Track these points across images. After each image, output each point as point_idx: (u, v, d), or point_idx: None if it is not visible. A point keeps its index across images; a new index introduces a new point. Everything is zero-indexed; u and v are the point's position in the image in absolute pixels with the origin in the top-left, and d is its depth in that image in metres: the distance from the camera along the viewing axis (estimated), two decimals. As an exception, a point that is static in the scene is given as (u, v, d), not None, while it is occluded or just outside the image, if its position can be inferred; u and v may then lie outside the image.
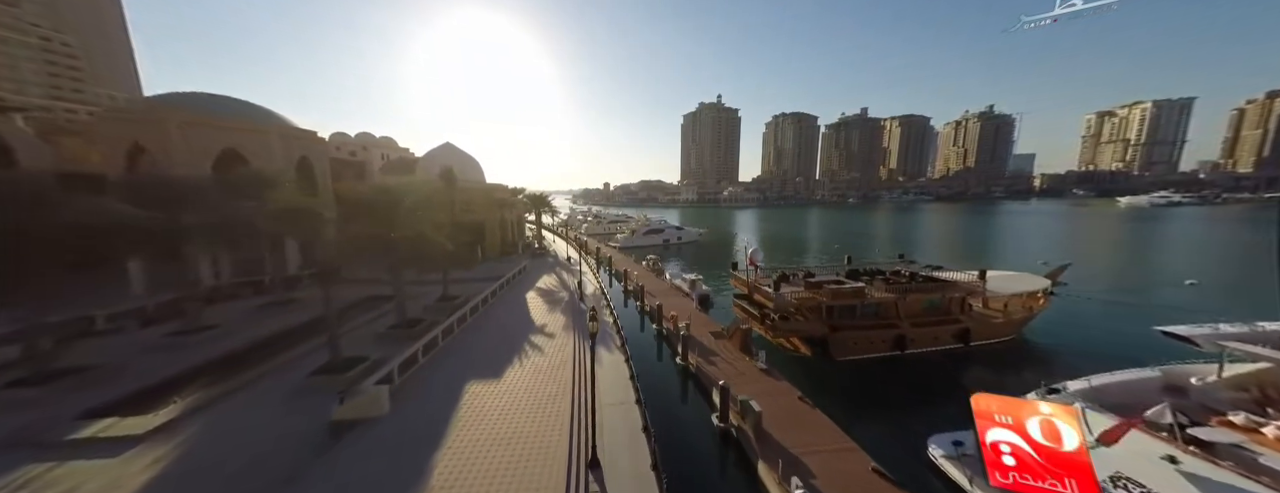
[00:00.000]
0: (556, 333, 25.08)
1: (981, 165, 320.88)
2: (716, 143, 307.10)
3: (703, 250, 76.89)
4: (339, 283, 22.99)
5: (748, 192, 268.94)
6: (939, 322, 25.69)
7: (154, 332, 22.97)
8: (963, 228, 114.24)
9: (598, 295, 35.33)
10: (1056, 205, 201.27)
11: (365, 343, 22.58)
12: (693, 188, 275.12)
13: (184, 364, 19.21)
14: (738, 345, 24.77)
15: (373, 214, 22.62)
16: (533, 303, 32.35)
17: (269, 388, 17.32)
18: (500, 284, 34.85)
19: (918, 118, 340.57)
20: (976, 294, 26.34)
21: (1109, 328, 29.99)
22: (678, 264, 60.40)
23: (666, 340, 28.45)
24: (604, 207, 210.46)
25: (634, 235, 78.11)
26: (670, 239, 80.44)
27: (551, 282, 40.36)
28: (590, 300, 32.80)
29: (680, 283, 41.42)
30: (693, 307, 34.34)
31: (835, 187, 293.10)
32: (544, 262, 51.12)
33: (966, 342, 25.80)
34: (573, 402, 16.78)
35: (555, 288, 37.57)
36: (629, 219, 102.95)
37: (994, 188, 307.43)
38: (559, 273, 44.38)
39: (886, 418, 18.56)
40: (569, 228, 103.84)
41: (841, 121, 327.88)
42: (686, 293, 38.85)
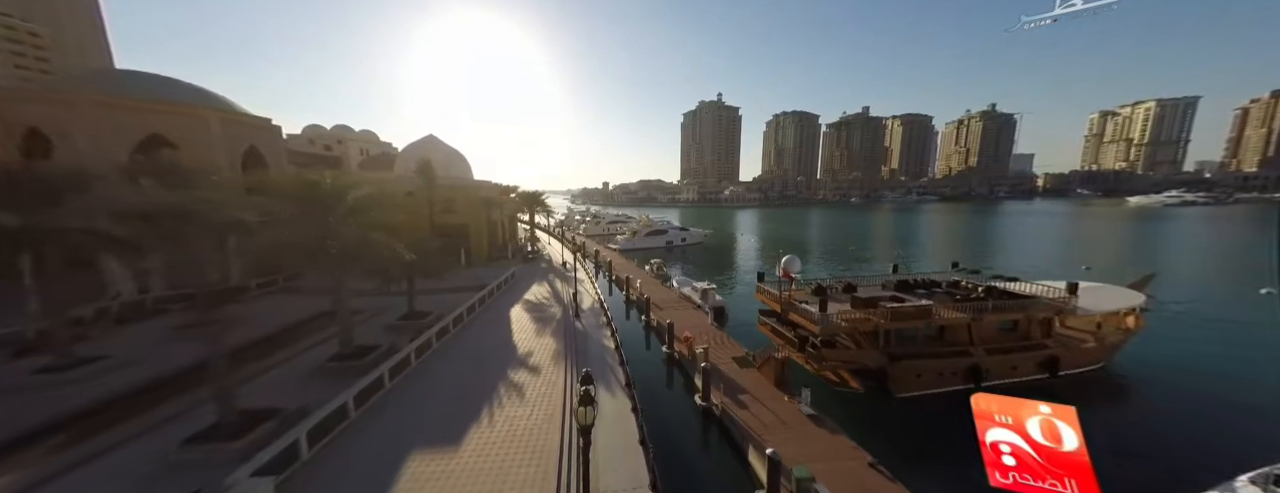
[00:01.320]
0: (543, 367, 19.91)
1: (984, 165, 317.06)
2: (717, 142, 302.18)
3: (708, 253, 71.87)
4: (296, 294, 18.04)
5: (749, 191, 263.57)
6: (1020, 347, 20.71)
7: (23, 365, 17.75)
8: (974, 229, 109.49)
9: (596, 310, 30.18)
10: (1062, 205, 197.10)
11: (293, 381, 17.49)
12: (693, 187, 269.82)
13: (35, 417, 14.04)
14: (771, 379, 19.77)
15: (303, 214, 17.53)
16: (518, 322, 27.14)
17: (126, 461, 12.17)
18: (482, 297, 29.73)
19: (920, 117, 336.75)
20: (1062, 313, 21.34)
21: (1214, 351, 25.09)
22: (682, 268, 55.40)
23: (679, 367, 23.43)
24: (603, 206, 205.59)
25: (635, 237, 72.96)
26: (674, 241, 75.29)
27: (543, 292, 35.20)
28: (587, 322, 27.67)
29: (690, 293, 36.36)
30: (707, 323, 29.32)
31: (837, 186, 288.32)
32: (536, 268, 45.99)
33: (1053, 372, 20.83)
34: (560, 484, 11.69)
35: (546, 301, 32.39)
36: (630, 220, 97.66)
37: (997, 188, 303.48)
38: (552, 281, 39.26)
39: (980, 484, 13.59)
40: (567, 229, 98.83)
41: (843, 120, 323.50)
42: (697, 304, 33.82)
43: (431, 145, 49.92)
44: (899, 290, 24.16)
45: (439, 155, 48.59)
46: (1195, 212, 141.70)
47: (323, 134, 56.60)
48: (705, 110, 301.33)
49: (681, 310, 32.57)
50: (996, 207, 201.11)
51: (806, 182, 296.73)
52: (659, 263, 49.40)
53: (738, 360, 22.44)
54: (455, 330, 23.94)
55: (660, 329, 28.54)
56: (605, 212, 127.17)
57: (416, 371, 18.97)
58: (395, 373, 17.61)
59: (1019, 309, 20.71)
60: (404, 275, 23.72)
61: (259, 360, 19.39)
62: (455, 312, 24.64)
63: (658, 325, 29.36)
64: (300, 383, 17.27)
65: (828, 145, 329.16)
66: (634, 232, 75.22)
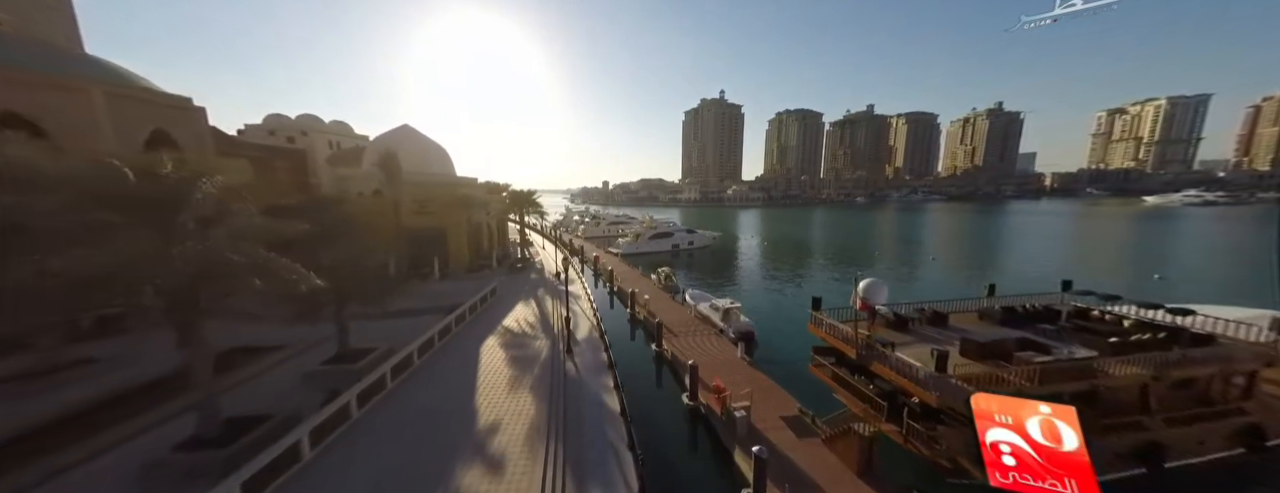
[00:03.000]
0: (510, 457, 13.20)
1: (990, 164, 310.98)
2: (719, 140, 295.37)
3: (717, 257, 65.41)
4: (217, 317, 11.80)
5: (753, 191, 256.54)
6: (1209, 415, 14.28)
7: None
8: (994, 229, 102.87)
9: (594, 342, 23.63)
10: (1073, 205, 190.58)
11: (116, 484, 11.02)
12: (695, 186, 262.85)
13: None
14: (852, 463, 13.43)
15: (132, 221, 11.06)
16: (488, 366, 20.34)
17: None
18: (447, 324, 23.21)
19: (925, 115, 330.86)
20: (1266, 362, 14.86)
21: None
22: (688, 275, 48.88)
23: (705, 425, 17.06)
24: (603, 206, 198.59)
25: (639, 241, 66.31)
26: (681, 245, 68.69)
27: (528, 316, 28.62)
28: (582, 362, 21.16)
29: (708, 311, 29.83)
30: (737, 356, 22.89)
31: (841, 186, 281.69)
32: (525, 279, 39.41)
33: (1256, 445, 14.43)
34: None
35: (531, 330, 25.68)
36: (632, 221, 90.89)
37: (1004, 187, 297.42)
38: (542, 299, 32.67)
39: None
40: (564, 231, 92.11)
41: (847, 118, 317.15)
42: (720, 329, 27.37)
43: (405, 137, 43.30)
44: (1009, 324, 17.70)
45: (414, 148, 42.09)
46: (1216, 212, 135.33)
47: (285, 124, 50.00)
48: (707, 108, 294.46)
49: (700, 336, 26.16)
50: (1005, 206, 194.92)
51: (810, 181, 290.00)
52: (666, 272, 42.90)
53: (786, 420, 16.16)
54: (394, 385, 17.33)
55: (676, 365, 22.13)
56: (605, 212, 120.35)
57: (313, 470, 12.37)
58: (268, 479, 11.05)
59: (1215, 360, 14.21)
60: (332, 303, 17.19)
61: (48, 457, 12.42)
62: (400, 355, 18.08)
63: (673, 358, 22.95)
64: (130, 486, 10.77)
65: (831, 144, 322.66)
66: (637, 234, 68.54)
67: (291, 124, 50.46)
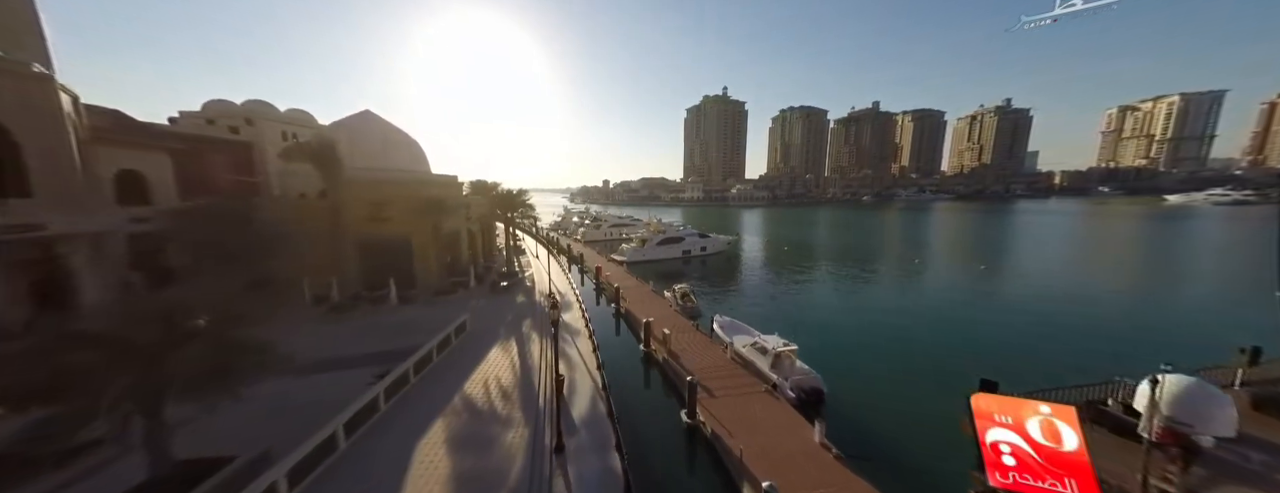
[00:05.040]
0: None
1: (998, 162, 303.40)
2: (722, 138, 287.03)
3: (731, 264, 57.63)
4: None
5: (757, 190, 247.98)
6: None
7: None
8: (1014, 231, 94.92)
9: (599, 417, 15.84)
10: (1084, 204, 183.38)
11: None
12: (698, 185, 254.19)
13: None
14: None
15: None
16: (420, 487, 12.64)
17: None
18: (365, 405, 15.33)
19: (932, 113, 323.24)
20: None
21: None
22: (707, 290, 41.09)
23: None
24: (604, 205, 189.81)
25: (645, 246, 58.43)
26: (692, 251, 60.81)
27: (504, 373, 20.57)
28: (580, 462, 13.45)
29: (750, 353, 21.96)
30: (814, 438, 15.13)
31: (846, 184, 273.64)
32: (509, 303, 31.49)
33: None
34: None
35: (501, 404, 17.39)
36: (636, 223, 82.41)
37: (1014, 185, 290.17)
38: (527, 339, 24.73)
39: None
40: (563, 233, 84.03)
41: (852, 116, 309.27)
42: (772, 382, 19.59)
43: (363, 124, 35.30)
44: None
45: (371, 138, 34.21)
46: (1245, 211, 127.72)
47: (228, 111, 42.01)
48: (710, 105, 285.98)
49: (744, 396, 18.43)
50: (1015, 205, 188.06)
51: (815, 180, 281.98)
52: (684, 290, 35.14)
53: None
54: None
55: (718, 448, 14.46)
56: (607, 212, 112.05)
57: None
58: None
59: None
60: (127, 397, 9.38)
61: None
62: (269, 475, 10.24)
63: (713, 437, 15.23)
64: None
65: (836, 142, 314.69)
66: (643, 239, 60.59)
67: (236, 111, 42.46)
